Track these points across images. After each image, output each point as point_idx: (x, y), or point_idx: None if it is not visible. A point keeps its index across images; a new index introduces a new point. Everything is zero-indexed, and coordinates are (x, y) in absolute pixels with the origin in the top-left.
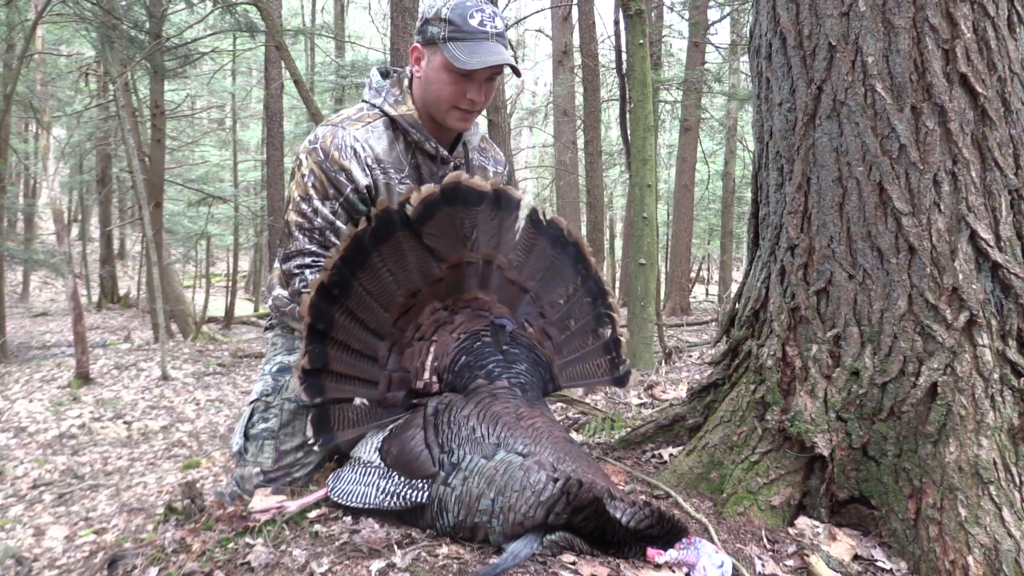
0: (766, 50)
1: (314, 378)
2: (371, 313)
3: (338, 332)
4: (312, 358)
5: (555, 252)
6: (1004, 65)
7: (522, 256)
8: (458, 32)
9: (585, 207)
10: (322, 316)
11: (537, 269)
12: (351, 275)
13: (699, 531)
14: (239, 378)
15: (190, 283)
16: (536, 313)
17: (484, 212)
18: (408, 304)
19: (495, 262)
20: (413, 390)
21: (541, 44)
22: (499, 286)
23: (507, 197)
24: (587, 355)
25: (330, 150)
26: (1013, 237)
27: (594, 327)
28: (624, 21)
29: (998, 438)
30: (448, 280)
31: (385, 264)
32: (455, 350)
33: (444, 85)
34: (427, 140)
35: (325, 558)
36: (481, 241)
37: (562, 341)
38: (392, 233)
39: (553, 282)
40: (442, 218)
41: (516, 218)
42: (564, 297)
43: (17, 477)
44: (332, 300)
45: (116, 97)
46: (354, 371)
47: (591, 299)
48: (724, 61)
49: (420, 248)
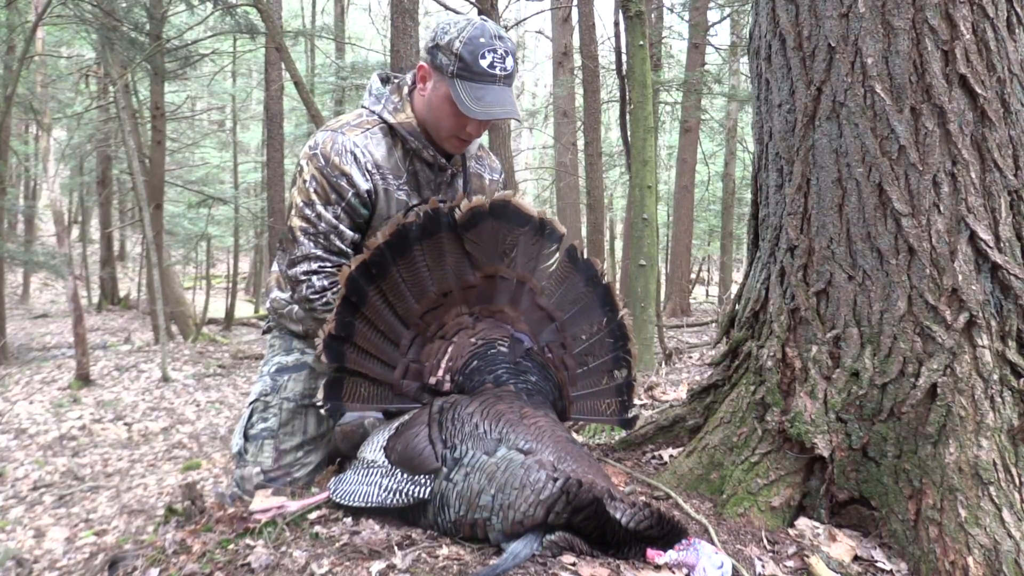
0: (765, 51)
1: (337, 344)
2: (402, 300)
3: (368, 309)
4: (339, 325)
5: (586, 290)
6: (1003, 66)
7: (554, 286)
8: (467, 72)
9: (585, 208)
10: (357, 290)
11: (566, 302)
12: (391, 260)
13: (699, 532)
14: (239, 379)
15: (190, 285)
16: (558, 343)
17: (526, 235)
18: (438, 302)
19: (528, 284)
20: (425, 384)
21: (541, 45)
22: (527, 308)
23: (551, 228)
24: (600, 393)
25: (330, 155)
26: (1013, 238)
27: (611, 368)
28: (624, 22)
29: (998, 439)
30: (480, 288)
31: (424, 258)
32: (469, 354)
33: (446, 116)
34: (425, 148)
35: (325, 559)
36: (519, 261)
37: (578, 374)
38: (436, 231)
39: (579, 318)
40: (486, 229)
41: (555, 250)
42: (587, 334)
43: (17, 479)
44: (370, 278)
45: (116, 99)
46: (375, 350)
47: (612, 340)
48: (724, 62)
49: (460, 252)
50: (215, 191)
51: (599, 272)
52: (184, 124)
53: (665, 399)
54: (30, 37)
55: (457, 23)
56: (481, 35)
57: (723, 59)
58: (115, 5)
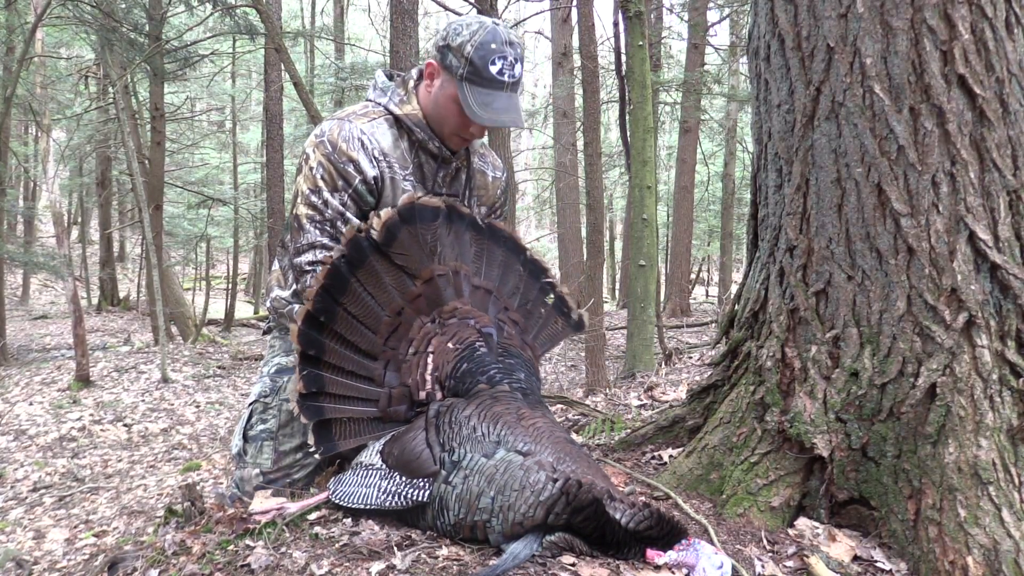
0: (764, 52)
1: (312, 400)
2: (360, 335)
3: (330, 356)
4: (307, 383)
5: (500, 249)
6: (1002, 66)
7: (477, 261)
8: (476, 76)
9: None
10: (312, 343)
11: (492, 269)
12: (334, 301)
13: (699, 532)
14: (239, 380)
15: (190, 285)
16: (502, 308)
17: (441, 227)
18: (395, 323)
19: (461, 271)
20: (416, 401)
21: (541, 46)
22: (470, 293)
23: (456, 211)
24: (546, 321)
25: (337, 142)
26: (1012, 238)
27: (543, 298)
28: (623, 23)
29: (997, 439)
30: (426, 295)
31: (364, 288)
32: (455, 358)
33: (451, 115)
34: (431, 139)
35: (325, 560)
36: (446, 253)
37: (527, 323)
38: (365, 258)
39: (506, 276)
40: (405, 237)
41: (465, 228)
42: (516, 286)
43: (17, 480)
44: (320, 327)
45: (116, 100)
46: (351, 391)
47: (534, 279)
48: (723, 63)
49: (393, 268)
50: (215, 192)
51: (502, 230)
52: (184, 125)
53: (665, 399)
54: (29, 38)
55: (470, 25)
56: (492, 41)
57: (722, 59)
58: (115, 6)
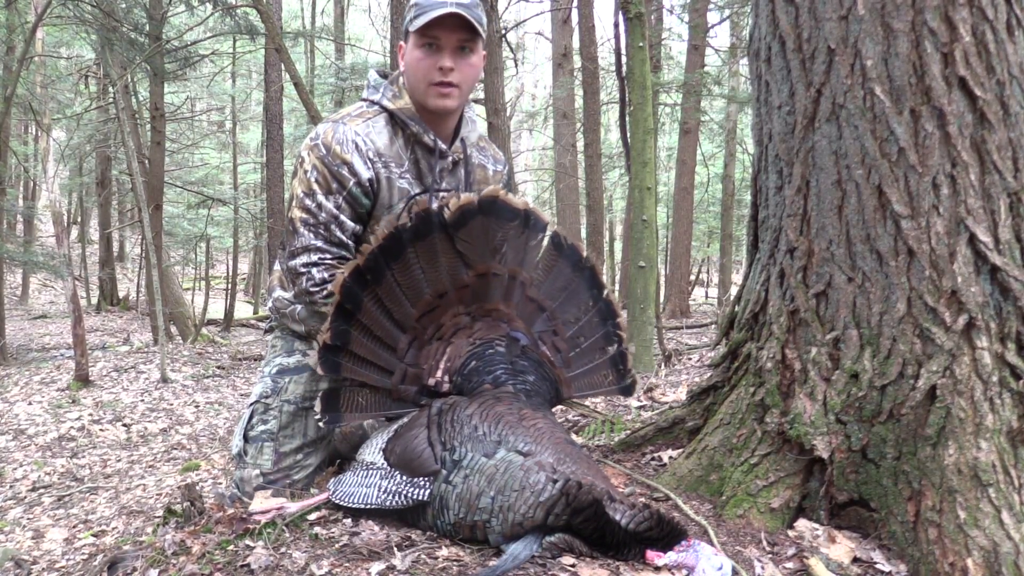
0: (765, 53)
1: (332, 354)
2: (398, 304)
3: (364, 316)
4: (335, 335)
5: (572, 275)
6: (1003, 68)
7: (542, 276)
8: (420, 9)
9: (585, 210)
10: (351, 297)
11: (555, 290)
12: (385, 264)
13: (699, 533)
14: (238, 380)
15: (190, 285)
16: (550, 331)
17: (515, 228)
18: (434, 304)
19: (519, 278)
20: (424, 386)
21: (541, 47)
22: (520, 301)
23: (536, 218)
24: (595, 368)
25: (332, 145)
26: (1012, 240)
27: (603, 344)
28: (624, 24)
29: (997, 440)
30: (474, 287)
31: (419, 261)
32: (467, 354)
33: (417, 62)
34: (426, 132)
35: (325, 560)
36: (509, 256)
37: (572, 356)
38: (429, 233)
39: (568, 302)
40: (476, 227)
41: (542, 239)
42: (576, 317)
43: (16, 479)
44: (364, 284)
45: (116, 99)
46: (372, 356)
47: (601, 319)
48: (724, 64)
49: (452, 252)
50: (214, 192)
51: (583, 256)
52: (184, 125)
53: (664, 400)
54: (30, 38)
55: None
56: None
57: (723, 61)
58: (115, 6)
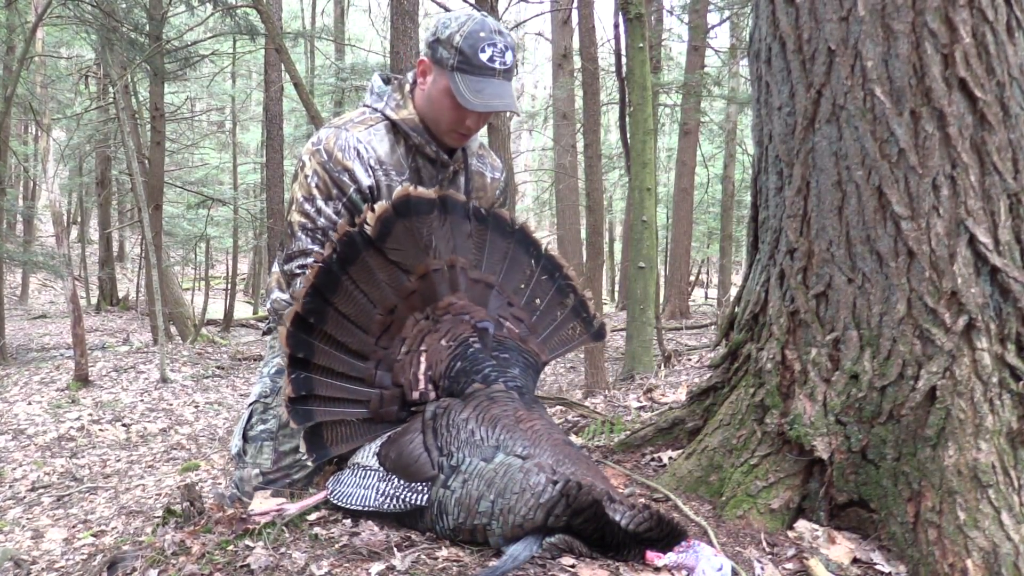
0: (765, 54)
1: (301, 404)
2: (351, 335)
3: (320, 358)
4: (296, 386)
5: (505, 242)
6: (1003, 70)
7: (478, 253)
8: (467, 65)
9: (584, 210)
10: (301, 345)
11: (494, 262)
12: (324, 301)
13: (698, 534)
14: (238, 380)
15: (189, 286)
16: (504, 304)
17: (436, 218)
18: (388, 321)
19: (457, 265)
20: (409, 402)
21: (541, 47)
22: (467, 287)
23: (451, 200)
24: (560, 323)
25: (333, 151)
26: (1012, 241)
27: (559, 300)
28: (624, 25)
29: (997, 442)
30: (420, 290)
31: (357, 285)
32: (449, 357)
33: (445, 110)
34: (428, 143)
35: (325, 561)
36: (440, 248)
37: (535, 321)
38: (358, 254)
39: (512, 271)
40: (400, 231)
41: (464, 217)
42: (524, 281)
43: (16, 479)
44: (309, 328)
45: (116, 99)
46: (342, 393)
47: (549, 276)
48: (723, 65)
49: (387, 264)
50: (214, 192)
51: (507, 220)
52: (184, 125)
53: (664, 401)
54: (30, 38)
55: (458, 18)
56: (481, 29)
57: (723, 62)
58: (115, 6)
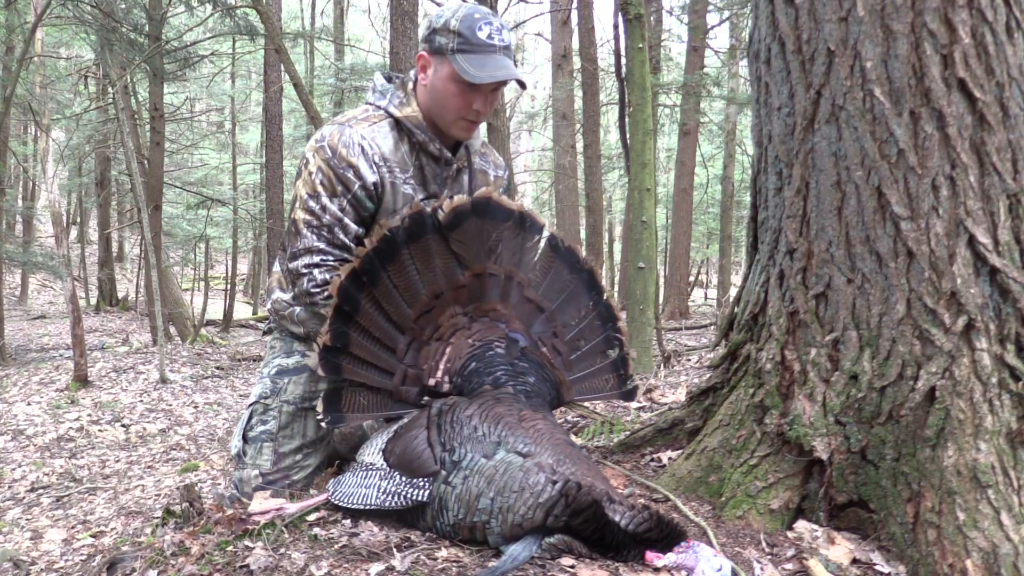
0: (765, 55)
1: (332, 356)
2: (395, 305)
3: (362, 317)
4: (334, 336)
5: (571, 276)
6: (1002, 70)
7: (540, 277)
8: (467, 44)
9: (584, 211)
10: (349, 299)
11: (553, 291)
12: (381, 266)
13: (698, 534)
14: (237, 381)
15: (189, 286)
16: (549, 332)
17: (509, 229)
18: (431, 304)
19: (516, 279)
20: (425, 387)
21: (540, 48)
22: (517, 302)
23: (531, 220)
24: (596, 372)
25: (337, 147)
26: (1011, 241)
27: (604, 348)
28: (623, 25)
29: (996, 442)
30: (470, 288)
31: (413, 262)
32: (467, 355)
33: (451, 96)
34: (432, 141)
35: (324, 561)
36: (504, 256)
37: (572, 360)
38: (422, 234)
39: (567, 304)
40: (470, 228)
41: (538, 241)
42: (576, 319)
43: (15, 480)
44: (360, 286)
45: (115, 100)
46: (372, 358)
47: (601, 322)
48: (723, 65)
49: (447, 253)
50: (214, 192)
51: (581, 258)
52: (183, 125)
53: (664, 401)
54: (29, 38)
55: (450, 7)
56: (476, 11)
57: (722, 62)
58: (115, 6)
